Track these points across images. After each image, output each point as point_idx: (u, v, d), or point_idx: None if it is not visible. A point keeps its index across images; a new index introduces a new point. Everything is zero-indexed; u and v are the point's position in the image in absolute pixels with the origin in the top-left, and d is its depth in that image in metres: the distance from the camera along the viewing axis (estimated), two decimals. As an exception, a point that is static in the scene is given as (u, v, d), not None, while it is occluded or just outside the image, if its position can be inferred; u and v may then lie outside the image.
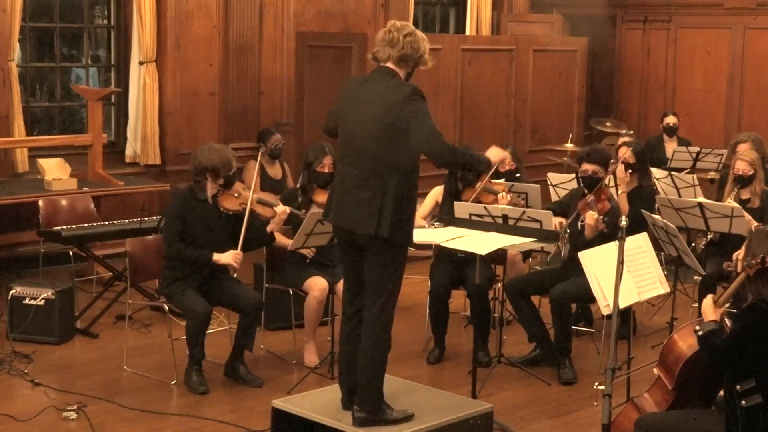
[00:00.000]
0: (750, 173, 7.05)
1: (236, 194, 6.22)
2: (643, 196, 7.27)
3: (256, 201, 6.25)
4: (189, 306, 6.06)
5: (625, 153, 7.34)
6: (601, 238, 6.29)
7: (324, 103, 9.40)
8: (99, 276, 8.08)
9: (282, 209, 6.31)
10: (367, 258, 4.92)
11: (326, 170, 6.56)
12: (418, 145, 4.75)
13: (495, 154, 5.38)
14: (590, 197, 6.43)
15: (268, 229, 6.32)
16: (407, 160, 4.82)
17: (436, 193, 7.13)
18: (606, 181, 6.59)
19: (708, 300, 4.32)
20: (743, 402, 4.07)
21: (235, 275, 6.31)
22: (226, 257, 6.12)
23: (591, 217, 6.30)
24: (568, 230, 6.40)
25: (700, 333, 4.20)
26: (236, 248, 6.16)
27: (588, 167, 6.53)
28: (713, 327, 4.19)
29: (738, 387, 4.08)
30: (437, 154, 4.77)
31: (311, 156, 6.64)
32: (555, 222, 6.45)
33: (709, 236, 6.95)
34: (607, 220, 6.35)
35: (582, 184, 6.64)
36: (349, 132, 4.95)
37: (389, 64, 4.91)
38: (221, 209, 6.18)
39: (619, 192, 7.17)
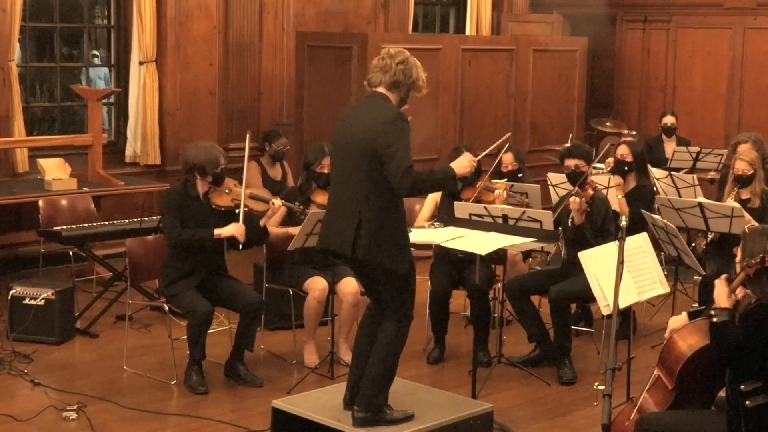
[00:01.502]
0: (749, 173, 7.05)
1: (227, 190, 6.23)
2: (642, 197, 7.28)
3: (249, 196, 6.26)
4: (190, 305, 6.06)
5: (623, 151, 7.37)
6: (590, 227, 6.32)
7: (324, 103, 9.42)
8: (99, 276, 8.08)
9: (276, 203, 6.33)
10: (372, 277, 5.00)
11: (325, 170, 6.56)
12: (387, 176, 4.76)
13: (459, 165, 5.06)
14: (575, 189, 6.50)
15: (262, 222, 6.32)
16: (389, 183, 4.80)
17: (435, 194, 7.13)
18: (606, 179, 6.63)
19: (722, 287, 4.26)
20: (747, 402, 4.06)
21: (248, 249, 6.31)
22: (228, 229, 6.12)
23: (574, 202, 6.36)
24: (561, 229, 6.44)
25: (715, 320, 4.17)
26: (233, 245, 6.19)
27: (570, 162, 6.63)
28: (727, 317, 4.17)
29: (742, 387, 4.08)
30: (400, 190, 4.76)
31: (310, 157, 6.65)
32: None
33: (710, 236, 6.95)
34: (590, 202, 6.39)
35: (568, 181, 6.72)
36: (337, 156, 5.04)
37: (381, 89, 4.95)
38: (213, 206, 6.20)
39: (619, 197, 7.18)
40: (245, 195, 6.19)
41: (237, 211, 6.17)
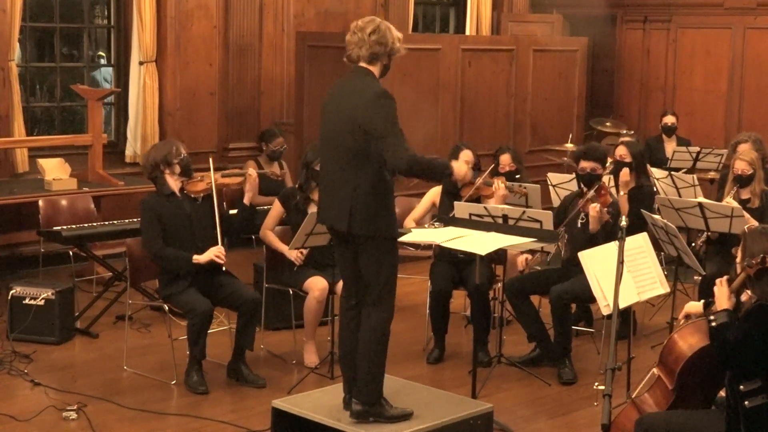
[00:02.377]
0: (749, 173, 7.04)
1: (200, 177, 6.29)
2: (640, 197, 7.28)
3: (221, 176, 6.31)
4: (190, 304, 6.05)
5: (621, 152, 7.37)
6: (604, 233, 6.31)
7: (324, 103, 9.41)
8: (99, 276, 8.08)
9: (250, 172, 6.36)
10: (358, 253, 4.97)
11: (325, 168, 6.55)
12: (379, 154, 4.79)
13: (458, 167, 5.29)
14: (590, 193, 6.47)
15: (245, 200, 6.34)
16: (376, 156, 4.84)
17: (433, 194, 7.13)
18: (605, 179, 6.63)
19: (723, 288, 4.27)
20: (746, 402, 4.06)
21: (229, 270, 6.33)
22: (207, 255, 6.12)
23: (594, 209, 6.34)
24: (566, 234, 6.42)
25: (714, 324, 4.17)
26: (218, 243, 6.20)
27: (586, 165, 6.59)
28: (726, 319, 4.17)
29: (742, 387, 4.08)
30: (395, 167, 4.80)
31: (310, 155, 6.64)
32: (521, 260, 6.57)
33: (707, 234, 6.94)
34: (611, 210, 6.38)
35: (581, 182, 6.67)
36: (325, 131, 5.04)
37: (362, 64, 4.98)
38: (192, 196, 6.22)
39: (621, 194, 7.17)
40: (216, 178, 6.24)
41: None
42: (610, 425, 4.03)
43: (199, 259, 6.10)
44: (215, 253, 6.12)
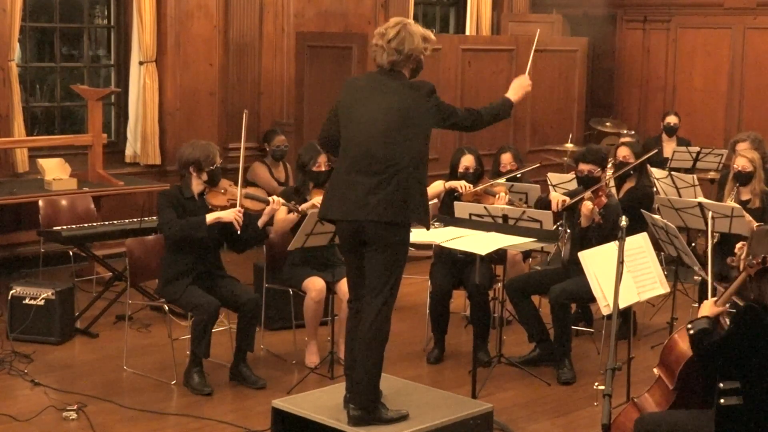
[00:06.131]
0: (749, 170, 7.02)
1: (223, 191, 6.23)
2: (643, 197, 7.28)
3: (245, 196, 6.24)
4: (196, 301, 6.03)
5: (624, 153, 7.36)
6: (599, 235, 6.31)
7: (324, 103, 9.40)
8: (99, 276, 8.08)
9: (275, 200, 6.29)
10: (369, 254, 4.94)
11: (323, 168, 6.55)
12: (461, 126, 5.18)
13: (516, 90, 5.35)
14: (588, 194, 6.48)
15: (260, 223, 6.28)
16: (423, 149, 4.97)
17: (436, 188, 7.13)
18: (605, 181, 6.63)
19: (709, 301, 4.34)
20: (722, 400, 4.08)
21: (246, 250, 6.41)
22: (228, 215, 6.06)
23: (586, 207, 6.36)
24: (567, 230, 6.42)
25: (692, 331, 4.21)
26: (231, 245, 6.19)
27: (584, 167, 6.60)
28: (704, 326, 4.20)
29: (722, 384, 4.09)
30: (474, 127, 5.24)
31: (305, 156, 6.62)
32: (558, 200, 6.53)
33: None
34: (603, 212, 6.38)
35: (580, 184, 6.68)
36: (361, 133, 4.95)
37: (392, 67, 4.98)
38: (209, 206, 6.18)
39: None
40: (241, 195, 6.19)
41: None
42: (610, 425, 4.04)
43: (221, 216, 6.04)
44: (236, 214, 6.05)
